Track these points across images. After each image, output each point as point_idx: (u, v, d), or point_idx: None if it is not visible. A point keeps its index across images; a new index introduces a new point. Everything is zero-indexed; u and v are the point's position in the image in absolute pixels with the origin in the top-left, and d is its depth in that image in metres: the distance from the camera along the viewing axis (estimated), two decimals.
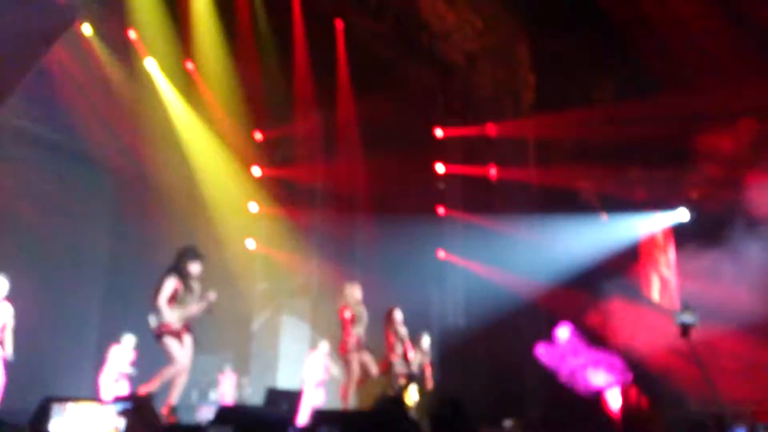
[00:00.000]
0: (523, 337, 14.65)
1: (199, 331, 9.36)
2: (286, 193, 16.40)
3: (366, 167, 16.17)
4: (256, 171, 16.68)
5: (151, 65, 14.31)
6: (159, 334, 8.93)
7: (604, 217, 15.47)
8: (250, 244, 16.88)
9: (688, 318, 8.50)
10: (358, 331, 10.21)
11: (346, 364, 10.15)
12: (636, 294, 14.57)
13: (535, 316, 15.01)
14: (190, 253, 9.19)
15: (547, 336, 14.19)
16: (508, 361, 14.69)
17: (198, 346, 9.15)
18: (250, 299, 16.64)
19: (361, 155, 16.20)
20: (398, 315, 11.13)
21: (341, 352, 10.24)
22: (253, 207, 16.67)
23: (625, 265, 14.82)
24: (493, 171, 16.12)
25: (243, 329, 16.59)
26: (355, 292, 10.30)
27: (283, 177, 16.38)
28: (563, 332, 14.23)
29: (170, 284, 9.04)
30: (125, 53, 13.67)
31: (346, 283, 10.37)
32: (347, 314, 10.21)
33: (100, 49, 13.53)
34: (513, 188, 15.62)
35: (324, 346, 12.72)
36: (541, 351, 14.15)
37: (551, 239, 15.02)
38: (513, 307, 14.70)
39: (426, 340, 12.33)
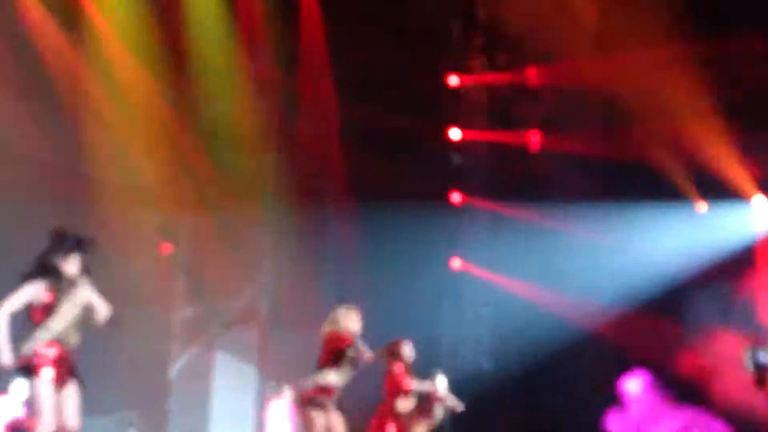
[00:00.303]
0: (578, 390, 14.19)
1: (89, 377, 9.07)
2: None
3: (343, 134, 16.01)
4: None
5: None
6: (23, 367, 8.80)
7: (703, 207, 15.05)
8: (168, 248, 16.38)
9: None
10: (336, 380, 10.19)
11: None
12: (751, 322, 13.88)
13: (596, 357, 14.51)
14: (63, 240, 9.00)
15: (615, 390, 13.84)
16: (555, 428, 14.26)
17: (85, 402, 8.92)
18: (166, 331, 16.28)
19: (336, 116, 16.05)
20: (408, 350, 11.09)
21: (303, 403, 10.31)
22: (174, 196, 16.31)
23: (735, 278, 14.35)
24: (534, 138, 15.91)
25: (156, 375, 16.10)
26: (351, 321, 10.30)
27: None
28: (633, 385, 14.12)
29: (29, 291, 8.89)
30: None
31: (340, 307, 10.39)
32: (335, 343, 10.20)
33: None
34: (565, 164, 15.23)
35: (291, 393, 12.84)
36: (613, 424, 13.95)
37: (622, 240, 14.60)
38: (563, 343, 14.21)
39: (442, 382, 11.82)
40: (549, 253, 15.17)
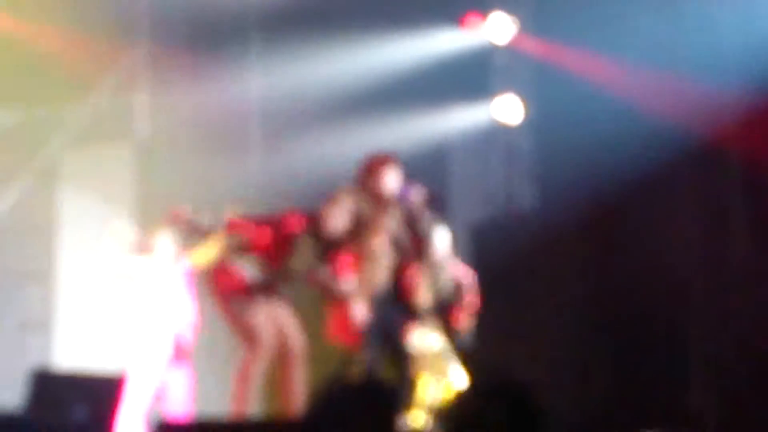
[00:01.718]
0: (686, 234, 10.79)
1: None
2: None
3: None
4: None
5: None
6: None
7: None
8: None
9: None
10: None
11: (239, 320, 8.88)
12: None
13: (714, 179, 10.85)
14: None
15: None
16: (645, 297, 10.70)
17: None
18: None
19: None
20: (391, 174, 8.69)
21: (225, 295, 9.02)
22: None
23: None
24: None
25: None
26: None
27: None
28: None
29: None
30: None
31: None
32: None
33: None
34: None
35: (206, 252, 9.58)
36: None
37: None
38: (654, 162, 10.54)
39: (442, 239, 9.52)
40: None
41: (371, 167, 8.42)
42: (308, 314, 9.15)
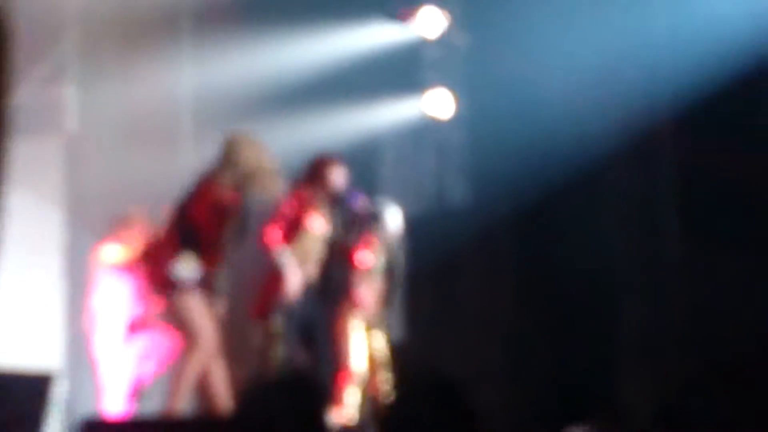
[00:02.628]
0: (618, 231, 10.93)
1: None
2: None
3: None
4: None
5: None
6: None
7: None
8: None
9: None
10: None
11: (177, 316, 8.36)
12: None
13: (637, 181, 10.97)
14: None
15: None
16: (577, 293, 10.67)
17: None
18: None
19: None
20: (338, 175, 8.85)
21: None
22: None
23: None
24: None
25: None
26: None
27: None
28: None
29: None
30: None
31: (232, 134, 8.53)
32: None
33: None
34: None
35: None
36: None
37: None
38: (586, 157, 10.45)
39: (393, 221, 9.47)
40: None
41: (319, 166, 8.54)
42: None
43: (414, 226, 9.93)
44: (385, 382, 8.87)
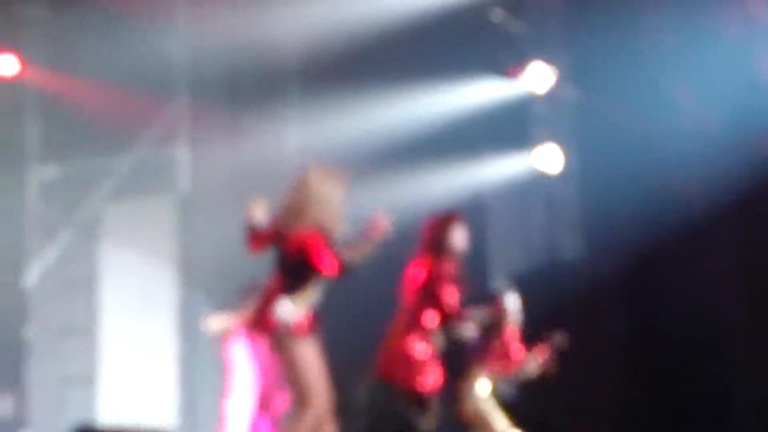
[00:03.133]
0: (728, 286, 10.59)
1: None
2: None
3: None
4: None
5: None
6: None
7: None
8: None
9: None
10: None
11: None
12: None
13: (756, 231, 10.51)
14: None
15: None
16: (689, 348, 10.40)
17: None
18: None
19: None
20: (460, 235, 8.01)
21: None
22: None
23: None
24: None
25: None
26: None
27: None
28: None
29: None
30: None
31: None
32: None
33: None
34: None
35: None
36: None
37: None
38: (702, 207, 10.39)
39: (513, 302, 9.24)
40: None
41: (439, 224, 7.98)
42: None
43: (525, 283, 9.69)
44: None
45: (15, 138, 12.05)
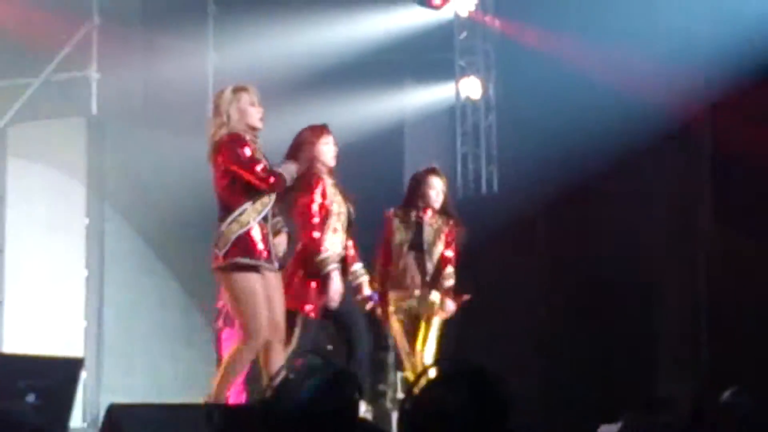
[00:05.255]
0: (653, 219, 10.92)
1: None
2: None
3: None
4: None
5: None
6: None
7: None
8: None
9: None
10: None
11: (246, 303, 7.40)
12: None
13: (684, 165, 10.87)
14: None
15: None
16: (612, 281, 10.65)
17: None
18: None
19: None
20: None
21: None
22: None
23: None
24: None
25: None
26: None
27: None
28: None
29: None
30: None
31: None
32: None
33: None
34: None
35: None
36: None
37: None
38: (620, 144, 10.28)
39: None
40: None
41: (311, 135, 7.77)
42: None
43: None
44: (414, 369, 8.62)
45: None
